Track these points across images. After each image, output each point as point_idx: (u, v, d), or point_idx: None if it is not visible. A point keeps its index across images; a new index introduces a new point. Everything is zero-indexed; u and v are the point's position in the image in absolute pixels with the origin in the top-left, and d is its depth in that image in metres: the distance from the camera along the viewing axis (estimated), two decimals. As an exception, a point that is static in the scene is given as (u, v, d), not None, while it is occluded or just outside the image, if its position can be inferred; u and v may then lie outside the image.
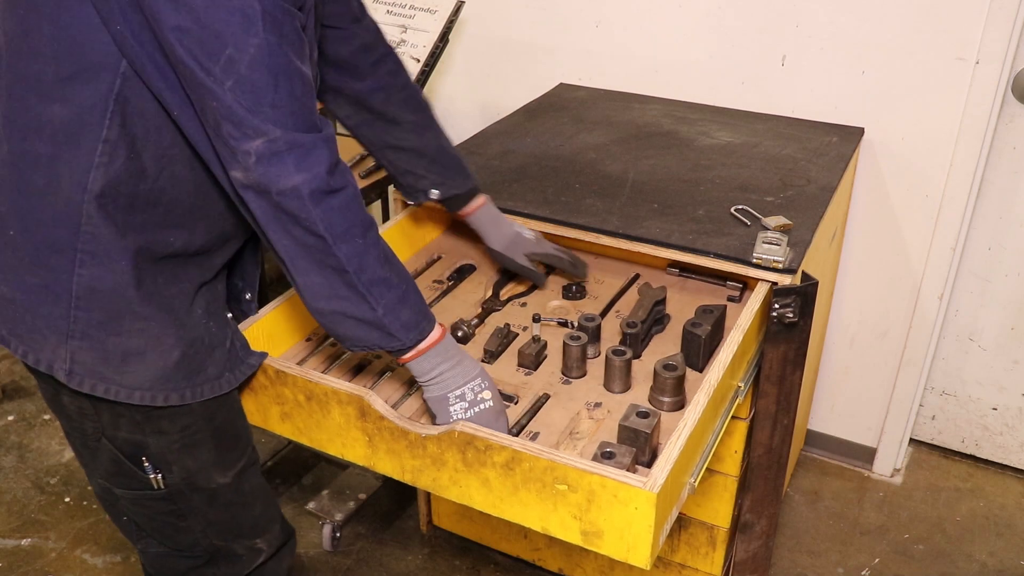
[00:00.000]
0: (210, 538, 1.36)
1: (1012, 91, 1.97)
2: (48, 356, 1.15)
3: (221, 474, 1.31)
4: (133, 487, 1.28)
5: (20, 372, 2.78)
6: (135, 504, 1.31)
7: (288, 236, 1.07)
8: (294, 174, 1.03)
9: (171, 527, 1.33)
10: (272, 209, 1.05)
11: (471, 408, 1.20)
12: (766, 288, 1.44)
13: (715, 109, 2.16)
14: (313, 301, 1.12)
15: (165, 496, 1.29)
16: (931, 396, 2.40)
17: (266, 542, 1.43)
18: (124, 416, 1.21)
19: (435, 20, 2.14)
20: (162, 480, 1.27)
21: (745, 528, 1.64)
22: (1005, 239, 2.13)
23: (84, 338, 1.14)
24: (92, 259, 1.11)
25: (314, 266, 1.09)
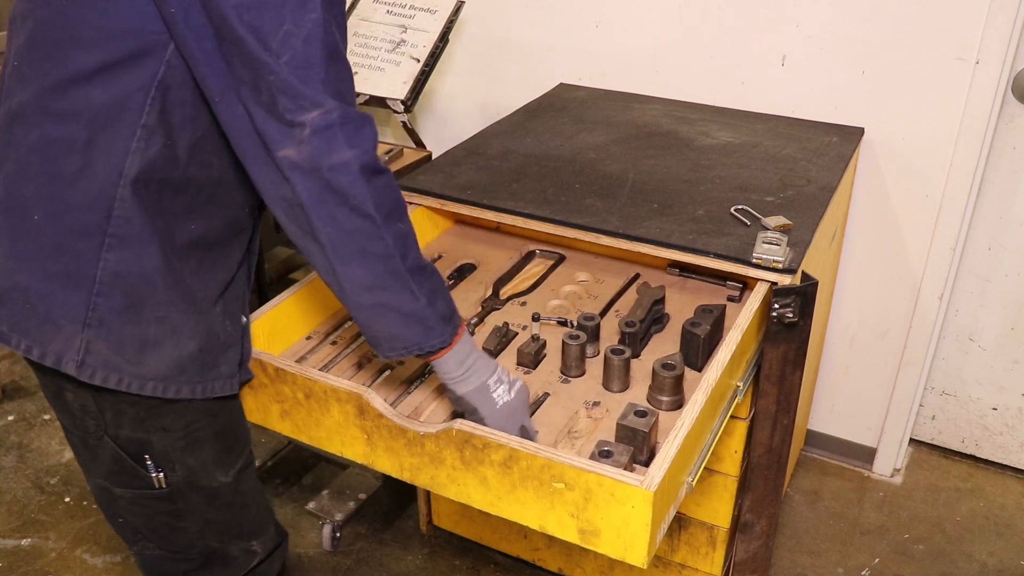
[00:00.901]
0: (207, 539, 1.36)
1: (1012, 91, 1.97)
2: (58, 348, 1.14)
3: (223, 473, 1.31)
4: (134, 486, 1.28)
5: (20, 372, 2.78)
6: (134, 504, 1.31)
7: (333, 221, 1.06)
8: (346, 148, 1.03)
9: (168, 528, 1.33)
10: (320, 189, 1.04)
11: (511, 389, 1.21)
12: (766, 288, 1.44)
13: (715, 109, 2.16)
14: (355, 295, 1.11)
15: (166, 496, 1.28)
16: (931, 396, 2.40)
17: (261, 544, 1.43)
18: (127, 413, 1.21)
19: (435, 20, 2.14)
20: (164, 479, 1.26)
21: (745, 528, 1.64)
22: (1005, 239, 2.13)
23: (101, 326, 1.13)
24: (121, 244, 1.10)
25: (358, 253, 1.08)
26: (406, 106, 2.04)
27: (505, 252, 1.77)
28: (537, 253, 1.78)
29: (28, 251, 1.12)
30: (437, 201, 1.70)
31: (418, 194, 1.72)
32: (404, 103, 2.04)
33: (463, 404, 1.21)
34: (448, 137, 2.60)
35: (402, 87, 2.07)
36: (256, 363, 1.29)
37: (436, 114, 2.63)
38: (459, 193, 1.69)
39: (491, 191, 1.70)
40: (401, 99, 2.05)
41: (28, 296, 1.13)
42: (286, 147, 1.03)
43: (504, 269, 1.72)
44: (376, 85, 2.10)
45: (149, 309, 1.15)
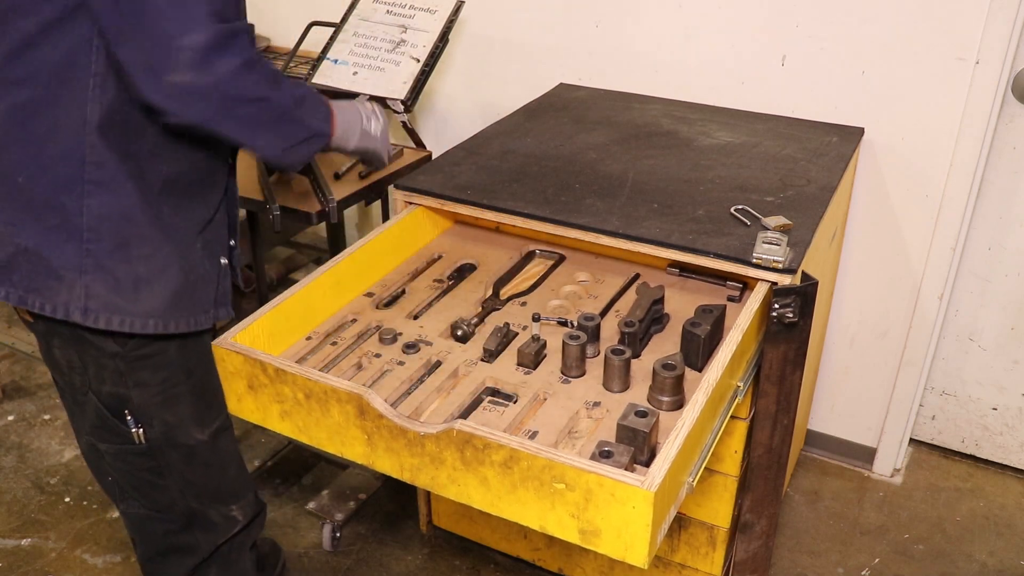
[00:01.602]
0: (187, 499, 1.44)
1: (1012, 91, 1.97)
2: (65, 299, 1.23)
3: (199, 430, 1.41)
4: (116, 441, 1.37)
5: (20, 372, 2.78)
6: (118, 459, 1.40)
7: (232, 117, 1.20)
8: (229, 60, 1.15)
9: (150, 485, 1.42)
10: (217, 101, 1.16)
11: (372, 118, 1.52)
12: (766, 288, 1.44)
13: (715, 109, 2.16)
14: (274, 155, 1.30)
15: (145, 451, 1.38)
16: (931, 396, 2.40)
17: (240, 511, 1.52)
18: (108, 367, 1.30)
19: (435, 20, 2.14)
20: (143, 435, 1.36)
21: (745, 528, 1.64)
22: (1005, 239, 2.13)
23: (97, 270, 1.22)
24: (98, 188, 1.19)
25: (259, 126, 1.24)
26: (406, 106, 2.04)
27: (505, 252, 1.77)
28: (537, 253, 1.78)
29: (22, 213, 1.21)
30: (437, 201, 1.70)
31: (418, 194, 1.72)
32: (404, 103, 2.04)
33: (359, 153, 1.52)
34: (448, 137, 2.60)
35: (402, 87, 2.07)
36: (256, 363, 1.29)
37: (436, 114, 2.63)
38: (459, 193, 1.69)
39: (491, 191, 1.70)
40: (401, 99, 2.04)
41: (30, 255, 1.22)
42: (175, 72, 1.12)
43: (504, 269, 1.72)
44: (376, 85, 2.10)
45: (136, 247, 1.25)
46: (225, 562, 1.55)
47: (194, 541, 1.50)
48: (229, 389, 1.35)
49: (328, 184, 1.91)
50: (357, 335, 1.50)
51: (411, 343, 1.45)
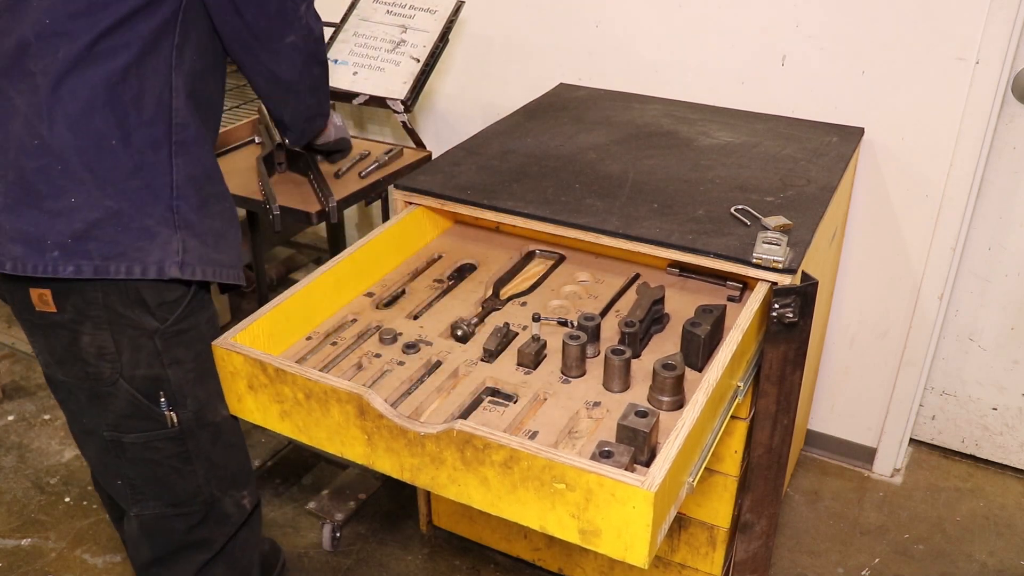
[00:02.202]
0: (211, 485, 1.47)
1: (1012, 91, 1.97)
2: (158, 257, 1.27)
3: (223, 406, 1.41)
4: (147, 428, 1.38)
5: (20, 372, 2.78)
6: (146, 450, 1.40)
7: (309, 74, 1.48)
8: (318, 21, 1.47)
9: (176, 473, 1.43)
10: (310, 54, 1.45)
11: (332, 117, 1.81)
12: (766, 288, 1.44)
13: (715, 109, 2.16)
14: (311, 119, 1.62)
15: (177, 435, 1.40)
16: (931, 396, 2.40)
17: (248, 498, 1.55)
18: (144, 348, 1.32)
19: (435, 20, 2.14)
20: (176, 417, 1.38)
21: (745, 528, 1.64)
22: (1005, 239, 2.13)
23: (188, 226, 1.30)
24: (184, 149, 1.29)
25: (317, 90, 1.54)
26: (406, 106, 2.04)
27: (505, 252, 1.77)
28: (537, 253, 1.78)
29: (111, 177, 1.24)
30: (437, 201, 1.70)
31: (418, 194, 1.72)
32: (404, 103, 2.04)
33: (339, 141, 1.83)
34: (448, 137, 2.60)
35: (402, 87, 2.07)
36: (256, 363, 1.29)
37: (436, 114, 2.63)
38: (459, 193, 1.69)
39: (491, 191, 1.70)
40: (401, 99, 2.04)
41: (120, 218, 1.25)
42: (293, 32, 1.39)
43: (504, 269, 1.72)
44: (376, 85, 2.10)
45: (213, 203, 1.35)
46: (231, 559, 1.56)
47: (209, 535, 1.50)
48: (229, 389, 1.36)
49: (328, 184, 1.91)
50: (357, 335, 1.50)
51: (411, 343, 1.45)
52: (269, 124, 2.14)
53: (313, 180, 1.95)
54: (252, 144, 2.18)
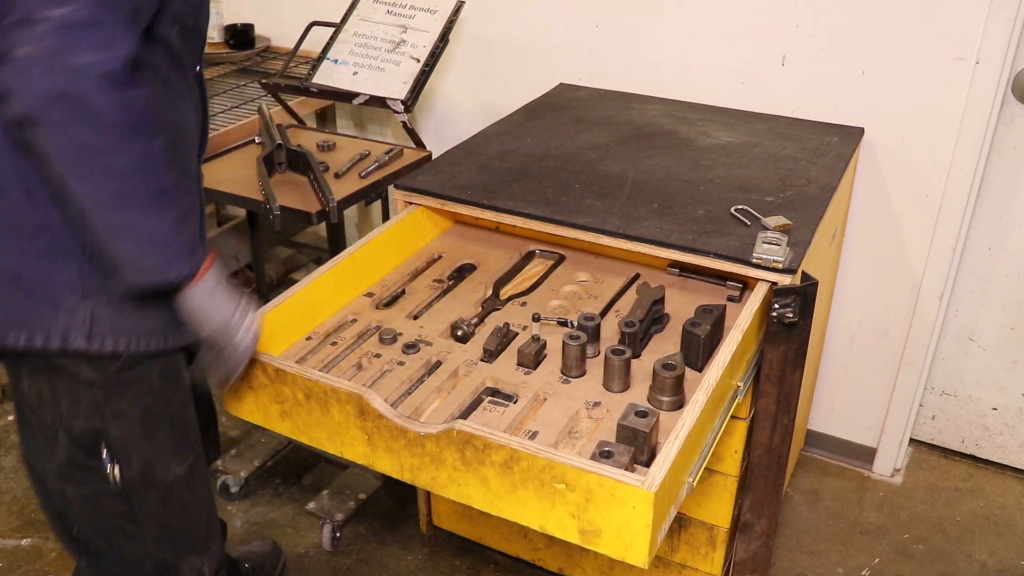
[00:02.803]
0: (162, 549, 1.33)
1: (1012, 91, 1.97)
2: (63, 327, 1.13)
3: (177, 464, 1.30)
4: (88, 483, 1.25)
5: (21, 372, 2.78)
6: (88, 505, 1.27)
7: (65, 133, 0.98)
8: (90, 51, 0.95)
9: (122, 534, 1.30)
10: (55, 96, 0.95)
11: (250, 334, 1.21)
12: (766, 288, 1.44)
13: (715, 109, 2.16)
14: (92, 213, 1.04)
15: (120, 493, 1.26)
16: (931, 396, 2.40)
17: (208, 564, 1.41)
18: (83, 400, 1.19)
19: (435, 20, 2.14)
20: (119, 473, 1.24)
21: (745, 528, 1.64)
22: (1005, 239, 2.13)
23: (100, 292, 1.13)
24: None
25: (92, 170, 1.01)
26: (406, 106, 2.04)
27: (505, 252, 1.77)
28: (537, 253, 1.78)
29: (11, 236, 1.10)
30: (437, 201, 1.70)
31: (418, 194, 1.72)
32: (404, 103, 2.04)
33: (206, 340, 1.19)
34: (448, 137, 2.60)
35: (402, 87, 2.07)
36: (256, 363, 1.29)
37: (436, 114, 2.63)
38: (459, 193, 1.69)
39: (491, 191, 1.70)
40: (401, 99, 2.04)
41: (20, 282, 1.12)
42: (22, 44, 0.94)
43: (504, 269, 1.72)
44: (376, 85, 2.10)
45: None
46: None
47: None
48: (229, 389, 1.35)
49: (328, 184, 1.91)
50: (357, 335, 1.50)
51: (411, 343, 1.45)
52: (269, 124, 2.14)
53: (313, 180, 1.95)
54: (252, 144, 2.18)
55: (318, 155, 2.11)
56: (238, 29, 2.71)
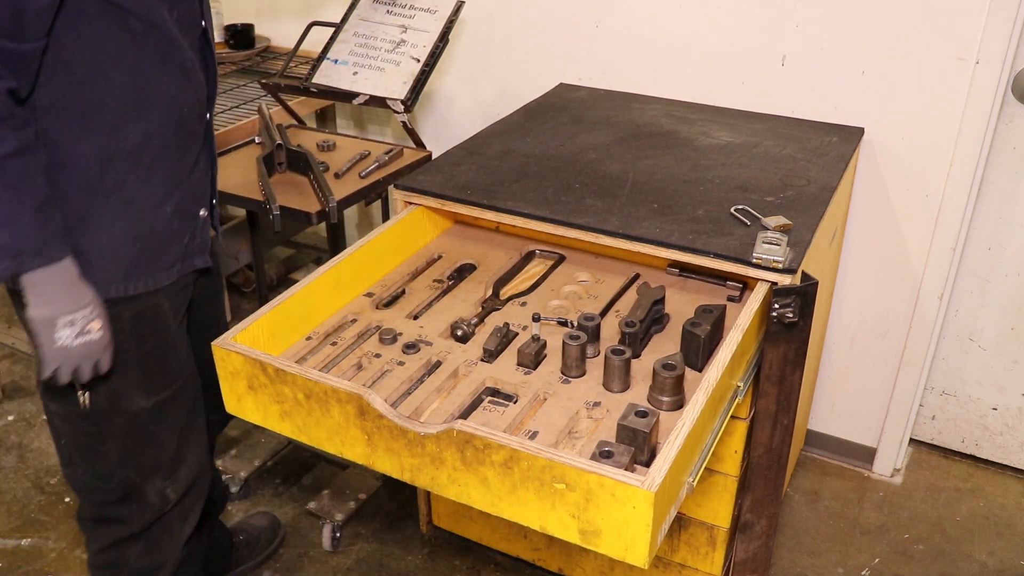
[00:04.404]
0: (127, 470, 1.47)
1: (1012, 91, 1.97)
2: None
3: (144, 398, 1.42)
4: (64, 403, 1.40)
5: (20, 372, 2.78)
6: (65, 421, 1.43)
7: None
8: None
9: (93, 451, 1.45)
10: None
11: (80, 336, 1.26)
12: (766, 288, 1.44)
13: (715, 109, 2.16)
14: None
15: (89, 415, 1.40)
16: (931, 396, 2.40)
17: (172, 488, 1.53)
18: None
19: (435, 20, 2.14)
20: (88, 399, 1.38)
21: (745, 528, 1.64)
22: (1005, 239, 2.13)
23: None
24: (56, 166, 1.22)
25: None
26: (406, 106, 2.04)
27: (505, 252, 1.77)
28: (537, 253, 1.78)
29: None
30: (437, 201, 1.70)
31: (418, 194, 1.72)
32: (404, 103, 2.04)
33: (28, 326, 1.25)
34: (448, 137, 2.60)
35: (402, 87, 2.07)
36: (256, 363, 1.29)
37: (436, 114, 2.63)
38: (459, 193, 1.69)
39: (491, 191, 1.70)
40: (401, 99, 2.04)
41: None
42: None
43: (504, 269, 1.72)
44: (376, 85, 2.10)
45: (96, 219, 1.29)
46: (150, 542, 1.56)
47: (126, 514, 1.52)
48: (229, 389, 1.36)
49: (328, 184, 1.91)
50: (357, 335, 1.50)
51: (411, 343, 1.45)
52: (269, 124, 2.14)
53: (313, 180, 1.95)
54: (252, 144, 2.18)
55: (318, 155, 2.11)
56: (238, 29, 2.71)
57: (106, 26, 1.20)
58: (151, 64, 1.27)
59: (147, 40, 1.25)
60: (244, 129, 2.23)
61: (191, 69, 1.35)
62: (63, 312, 1.24)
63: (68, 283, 1.24)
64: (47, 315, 1.23)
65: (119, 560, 1.56)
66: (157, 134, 1.31)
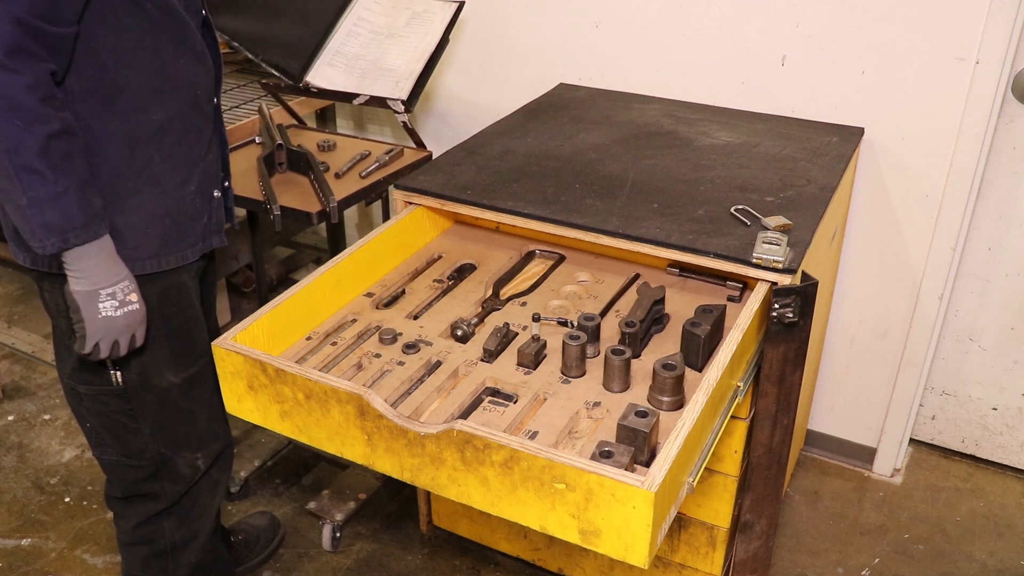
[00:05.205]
0: (158, 445, 1.53)
1: (1012, 91, 1.97)
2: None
3: (173, 373, 1.49)
4: (94, 383, 1.45)
5: (20, 372, 2.78)
6: (95, 402, 1.48)
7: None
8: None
9: (124, 428, 1.51)
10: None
11: (121, 308, 1.33)
12: (766, 288, 1.44)
13: (715, 109, 2.16)
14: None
15: (121, 393, 1.46)
16: (931, 396, 2.40)
17: (203, 459, 1.60)
18: None
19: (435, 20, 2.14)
20: (120, 377, 1.44)
21: (745, 528, 1.64)
22: (1005, 239, 2.13)
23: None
24: (89, 150, 1.27)
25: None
26: (406, 106, 2.04)
27: (505, 252, 1.77)
28: (537, 253, 1.78)
29: None
30: (437, 201, 1.70)
31: (418, 194, 1.72)
32: (404, 103, 2.04)
33: (70, 300, 1.30)
34: (448, 137, 2.60)
35: (402, 87, 2.07)
36: (256, 363, 1.29)
37: (436, 114, 2.63)
38: (459, 193, 1.69)
39: (491, 191, 1.70)
40: (401, 99, 2.04)
41: None
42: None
43: (504, 269, 1.72)
44: (376, 85, 2.10)
45: (128, 199, 1.36)
46: (183, 514, 1.63)
47: (159, 489, 1.58)
48: (229, 389, 1.36)
49: (328, 184, 1.91)
50: (357, 335, 1.50)
51: (411, 343, 1.45)
52: (270, 124, 2.14)
53: (313, 180, 1.95)
54: (252, 144, 2.18)
55: (318, 155, 2.11)
56: (238, 29, 2.71)
57: (126, 12, 1.26)
58: (168, 48, 1.34)
59: (163, 25, 1.32)
60: (244, 129, 2.23)
61: (202, 52, 1.41)
62: (104, 285, 1.30)
63: (108, 258, 1.30)
64: (90, 288, 1.29)
65: (154, 534, 1.62)
66: (177, 116, 1.37)
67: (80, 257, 1.27)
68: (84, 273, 1.28)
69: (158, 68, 1.33)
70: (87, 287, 1.29)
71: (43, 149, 1.18)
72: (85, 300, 1.30)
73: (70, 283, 1.29)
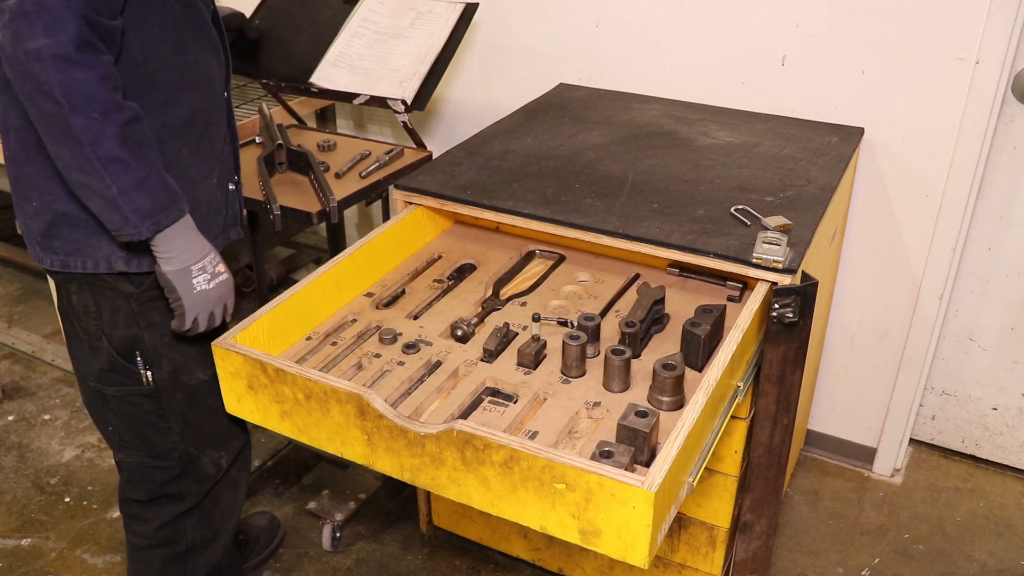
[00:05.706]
0: (186, 443, 1.55)
1: (1012, 91, 1.97)
2: (106, 253, 1.35)
3: (203, 370, 1.50)
4: (125, 384, 1.46)
5: (20, 372, 2.78)
6: (124, 403, 1.48)
7: (34, 105, 1.17)
8: (40, 36, 1.12)
9: (152, 428, 1.51)
10: (21, 74, 1.15)
11: (213, 280, 1.37)
12: (766, 288, 1.44)
13: (715, 109, 2.16)
14: (66, 172, 1.23)
15: (152, 392, 1.47)
16: (931, 396, 2.40)
17: (227, 457, 1.61)
18: (122, 310, 1.40)
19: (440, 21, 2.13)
20: (151, 376, 1.46)
21: (745, 528, 1.64)
22: (1005, 239, 2.13)
23: None
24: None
25: (58, 135, 1.18)
26: (407, 106, 2.04)
27: (505, 252, 1.77)
28: (537, 253, 1.78)
29: (62, 184, 1.30)
30: (437, 201, 1.70)
31: (418, 194, 1.72)
32: (404, 103, 2.04)
33: (164, 281, 1.33)
34: (448, 137, 2.60)
35: (404, 88, 2.07)
36: (256, 363, 1.29)
37: (436, 114, 2.63)
38: (459, 193, 1.69)
39: (491, 191, 1.70)
40: (402, 99, 2.04)
41: (74, 219, 1.33)
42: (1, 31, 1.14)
43: (504, 269, 1.72)
44: (378, 85, 2.10)
45: None
46: (204, 514, 1.64)
47: (185, 489, 1.58)
48: (229, 389, 1.36)
49: (328, 184, 1.91)
50: (357, 335, 1.50)
51: (411, 343, 1.45)
52: (270, 124, 2.14)
53: (314, 180, 1.95)
54: (252, 144, 2.18)
55: (318, 155, 2.11)
56: (238, 29, 2.71)
57: (153, 7, 1.28)
58: (190, 42, 1.36)
59: (185, 19, 1.34)
60: (245, 129, 2.23)
61: (216, 45, 1.43)
62: (194, 260, 1.33)
63: (192, 234, 1.33)
64: (181, 266, 1.32)
65: (177, 535, 1.62)
66: (200, 109, 1.39)
67: (169, 238, 1.29)
68: (174, 252, 1.31)
69: (182, 62, 1.35)
70: (179, 265, 1.32)
71: (123, 137, 1.20)
72: (179, 278, 1.33)
73: (160, 265, 1.31)
